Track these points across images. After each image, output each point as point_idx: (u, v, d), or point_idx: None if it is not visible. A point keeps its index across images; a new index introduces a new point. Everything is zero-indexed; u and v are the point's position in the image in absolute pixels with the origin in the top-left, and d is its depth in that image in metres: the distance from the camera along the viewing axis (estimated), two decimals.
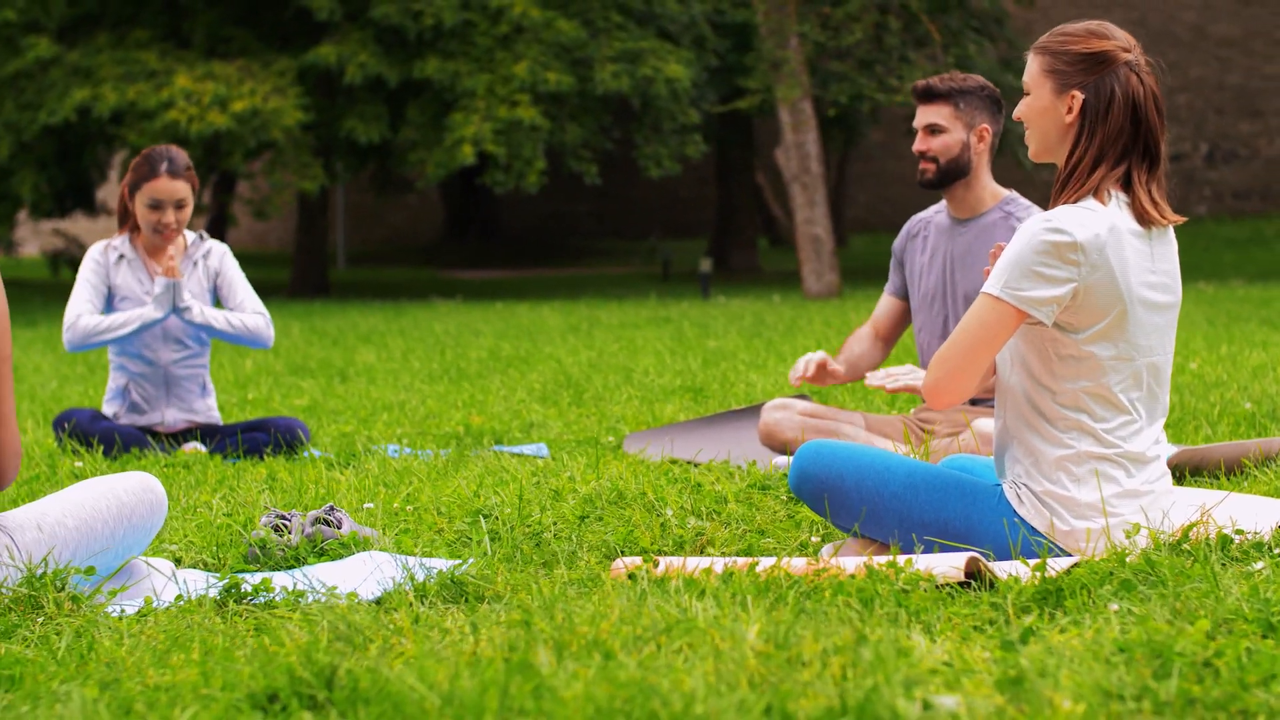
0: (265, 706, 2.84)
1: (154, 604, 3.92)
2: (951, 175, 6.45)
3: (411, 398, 9.35)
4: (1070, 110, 4.21)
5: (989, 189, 6.52)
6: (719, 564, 4.05)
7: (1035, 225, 4.10)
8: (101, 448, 6.88)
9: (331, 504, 4.81)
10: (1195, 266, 28.02)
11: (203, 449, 7.03)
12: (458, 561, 4.27)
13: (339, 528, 4.70)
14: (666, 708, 2.62)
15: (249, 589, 3.94)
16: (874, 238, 37.94)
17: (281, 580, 4.11)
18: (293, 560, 4.55)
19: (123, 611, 3.86)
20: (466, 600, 3.92)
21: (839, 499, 4.39)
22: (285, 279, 29.20)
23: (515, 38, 24.25)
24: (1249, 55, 35.93)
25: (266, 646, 3.18)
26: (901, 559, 3.94)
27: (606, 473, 5.85)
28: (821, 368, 6.49)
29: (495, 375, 10.69)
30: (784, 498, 5.31)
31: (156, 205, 7.04)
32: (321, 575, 4.22)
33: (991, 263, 4.34)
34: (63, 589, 3.89)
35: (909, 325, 6.91)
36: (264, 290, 18.95)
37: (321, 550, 4.61)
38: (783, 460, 6.41)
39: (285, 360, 12.67)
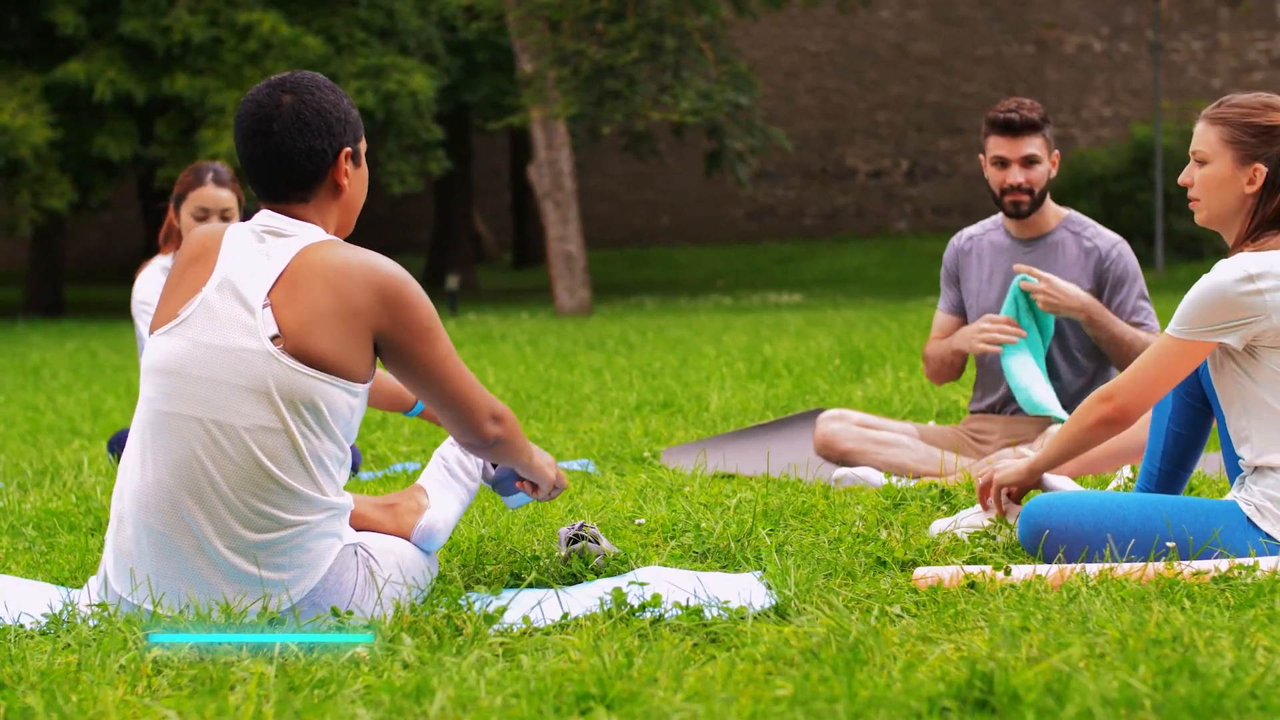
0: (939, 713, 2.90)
1: (533, 622, 3.89)
2: (1039, 204, 6.59)
3: (372, 414, 9.22)
4: (1252, 182, 4.42)
5: (1051, 209, 6.70)
6: (1045, 572, 4.16)
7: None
8: None
9: (582, 521, 4.80)
10: (909, 282, 28.89)
11: None
12: (759, 573, 4.34)
13: (598, 543, 4.69)
14: None
15: (635, 604, 3.94)
16: None
17: (674, 595, 4.10)
18: (570, 577, 4.53)
19: (511, 628, 3.83)
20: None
21: (1079, 544, 4.45)
22: (16, 298, 28.73)
23: (263, 54, 23.96)
24: (948, 74, 37.10)
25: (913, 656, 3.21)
26: (1249, 561, 4.12)
27: (726, 486, 5.93)
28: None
29: None
30: (938, 507, 5.42)
31: (203, 215, 6.96)
32: (706, 590, 4.22)
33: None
34: (469, 608, 3.86)
35: None
36: None
37: (596, 568, 4.60)
38: (842, 472, 6.47)
39: None
